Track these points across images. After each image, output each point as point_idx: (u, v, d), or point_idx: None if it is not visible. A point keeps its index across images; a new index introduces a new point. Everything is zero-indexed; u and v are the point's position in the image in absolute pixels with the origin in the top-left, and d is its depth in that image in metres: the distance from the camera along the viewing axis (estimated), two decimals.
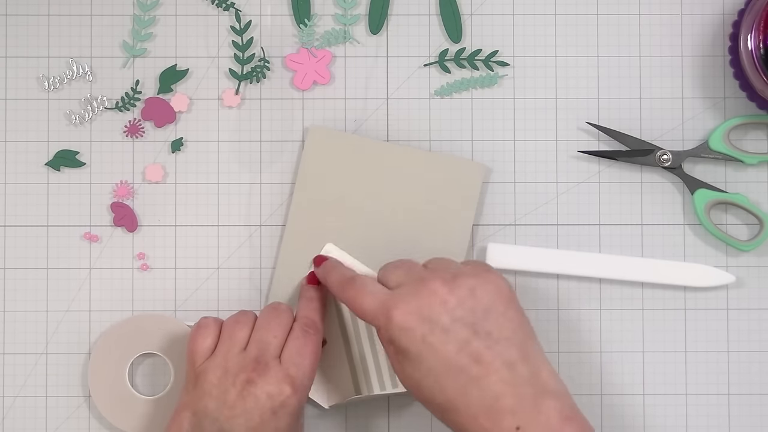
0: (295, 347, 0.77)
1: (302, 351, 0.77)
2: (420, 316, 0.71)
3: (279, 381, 0.75)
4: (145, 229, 0.87)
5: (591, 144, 0.87)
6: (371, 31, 0.88)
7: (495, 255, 0.85)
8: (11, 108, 0.87)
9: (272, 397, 0.75)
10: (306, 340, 0.78)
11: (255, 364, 0.76)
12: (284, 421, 0.75)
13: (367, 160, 0.86)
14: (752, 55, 0.82)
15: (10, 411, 0.86)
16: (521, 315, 0.73)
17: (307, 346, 0.78)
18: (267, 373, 0.75)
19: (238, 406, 0.75)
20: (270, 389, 0.75)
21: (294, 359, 0.77)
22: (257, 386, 0.75)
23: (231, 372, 0.76)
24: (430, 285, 0.72)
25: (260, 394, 0.75)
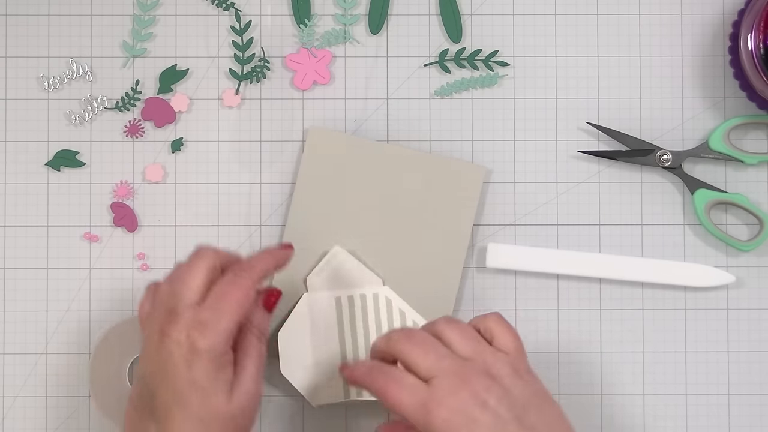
0: (217, 292, 0.72)
1: (223, 295, 0.72)
2: (464, 415, 0.68)
3: (188, 327, 0.70)
4: (145, 229, 0.87)
5: (591, 144, 0.87)
6: (371, 31, 0.88)
7: (495, 255, 0.85)
8: (11, 108, 0.87)
9: (180, 344, 0.70)
10: (231, 286, 0.72)
11: (167, 315, 0.71)
12: (200, 371, 0.70)
13: (367, 162, 0.86)
14: (752, 55, 0.82)
15: (10, 411, 0.86)
16: (554, 405, 0.72)
17: (230, 292, 0.72)
18: (177, 321, 0.71)
19: (155, 361, 0.71)
20: (178, 337, 0.70)
21: (211, 303, 0.71)
22: (168, 336, 0.71)
23: (146, 329, 0.73)
24: (469, 382, 0.70)
25: (170, 344, 0.70)
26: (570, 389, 0.86)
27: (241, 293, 0.72)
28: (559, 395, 0.86)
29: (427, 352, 0.71)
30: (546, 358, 0.86)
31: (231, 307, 0.72)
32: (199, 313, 0.71)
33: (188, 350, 0.70)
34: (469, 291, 0.86)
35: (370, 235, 0.85)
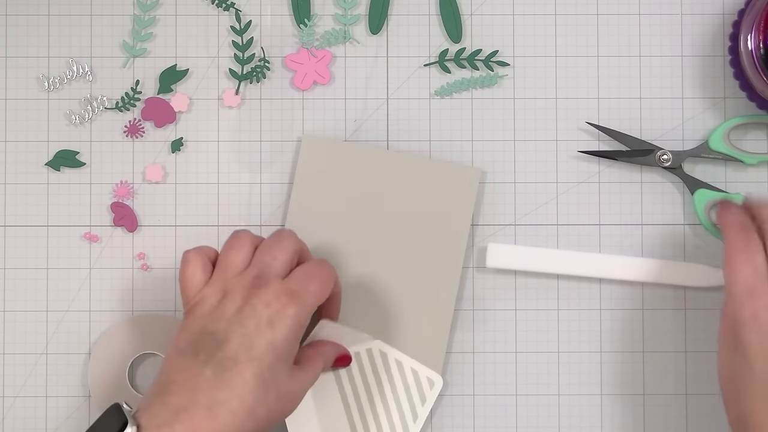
0: (304, 270, 0.75)
1: (310, 274, 0.75)
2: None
3: (278, 292, 0.73)
4: (145, 229, 0.87)
5: (591, 144, 0.87)
6: (371, 31, 0.88)
7: (495, 255, 0.85)
8: (11, 108, 0.87)
9: (269, 305, 0.72)
10: (318, 267, 0.76)
11: (255, 280, 0.74)
12: (280, 333, 0.72)
13: (362, 167, 0.86)
14: (752, 55, 0.82)
15: (10, 411, 0.86)
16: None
17: (317, 272, 0.76)
18: (267, 286, 0.73)
19: (234, 318, 0.72)
20: (268, 299, 0.73)
21: (299, 279, 0.74)
22: (256, 297, 0.73)
23: (230, 293, 0.74)
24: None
25: (257, 303, 0.72)
26: (570, 389, 0.86)
27: (327, 275, 0.76)
28: (559, 395, 0.86)
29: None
30: (546, 359, 0.86)
31: (317, 285, 0.75)
32: (288, 284, 0.74)
33: (276, 312, 0.72)
34: (469, 291, 0.86)
35: (367, 239, 0.85)
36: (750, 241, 0.73)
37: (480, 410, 0.86)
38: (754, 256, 0.73)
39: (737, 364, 0.72)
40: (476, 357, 0.86)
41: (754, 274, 0.72)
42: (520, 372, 0.86)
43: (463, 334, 0.86)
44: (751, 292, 0.72)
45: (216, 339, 0.72)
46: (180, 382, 0.71)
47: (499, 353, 0.86)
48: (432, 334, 0.85)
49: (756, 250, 0.73)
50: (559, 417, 0.86)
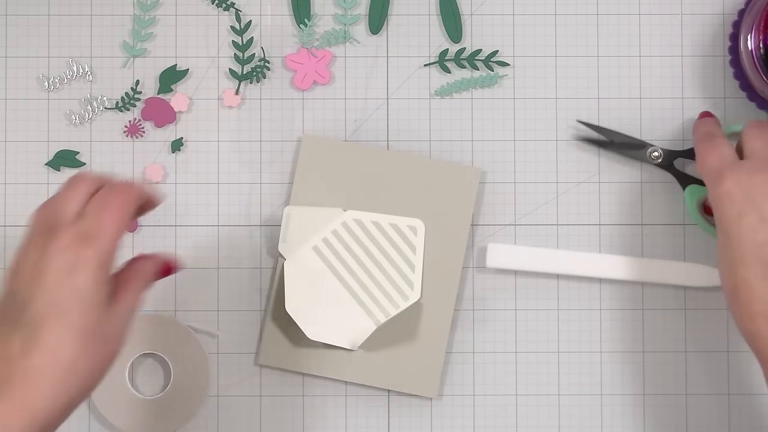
0: (95, 203, 0.69)
1: (102, 205, 0.69)
2: (747, 194, 0.75)
3: (70, 238, 0.67)
4: (145, 229, 0.87)
5: (591, 144, 0.87)
6: (371, 31, 0.88)
7: (495, 255, 0.85)
8: (11, 108, 0.87)
9: (63, 252, 0.67)
10: (109, 195, 0.69)
11: (46, 231, 0.69)
12: (83, 278, 0.67)
13: (362, 167, 0.86)
14: (752, 55, 0.82)
15: None
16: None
17: (109, 201, 0.69)
18: (58, 233, 0.68)
19: (33, 274, 0.68)
20: (61, 246, 0.67)
21: (91, 216, 0.69)
22: (49, 248, 0.68)
23: (24, 248, 0.70)
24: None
25: (52, 254, 0.67)
26: (570, 389, 0.86)
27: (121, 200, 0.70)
28: (559, 395, 0.86)
29: (762, 137, 0.79)
30: (546, 359, 0.86)
31: (112, 216, 0.69)
32: (80, 225, 0.68)
33: (72, 258, 0.67)
34: (469, 291, 0.86)
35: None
36: (715, 137, 0.80)
37: (480, 410, 0.86)
38: (719, 147, 0.78)
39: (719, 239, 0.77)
40: (476, 357, 0.86)
41: (720, 161, 0.77)
42: (520, 372, 0.86)
43: (463, 334, 0.86)
44: (720, 172, 0.76)
45: (18, 300, 0.68)
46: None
47: (499, 353, 0.86)
48: (432, 334, 0.85)
49: (721, 144, 0.79)
50: (559, 417, 0.86)
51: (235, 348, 0.86)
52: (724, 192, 0.76)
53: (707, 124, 0.83)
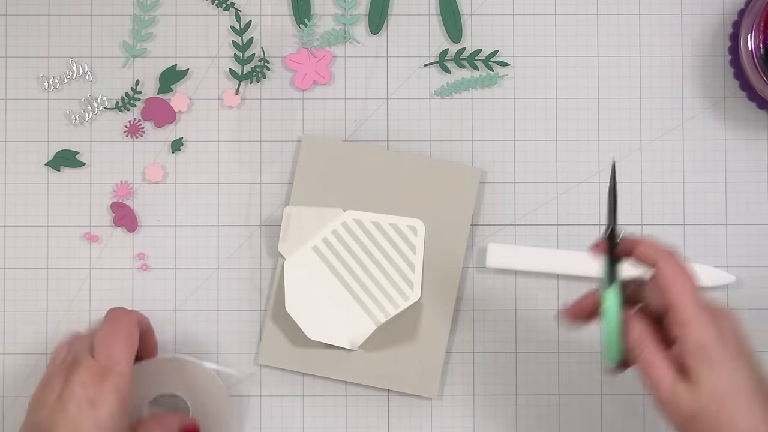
0: (102, 335, 0.76)
1: (110, 336, 0.76)
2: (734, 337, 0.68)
3: (91, 372, 0.74)
4: (145, 229, 0.87)
5: (591, 144, 0.87)
6: (371, 31, 0.88)
7: (495, 255, 0.85)
8: (11, 108, 0.87)
9: (85, 385, 0.74)
10: (113, 325, 0.77)
11: (68, 365, 0.76)
12: (104, 411, 0.73)
13: (362, 167, 0.86)
14: (752, 55, 0.82)
15: (10, 411, 0.86)
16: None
17: (114, 330, 0.76)
18: (78, 367, 0.75)
19: (56, 406, 0.74)
20: (83, 379, 0.74)
21: (103, 347, 0.76)
22: (72, 381, 0.74)
23: (49, 381, 0.76)
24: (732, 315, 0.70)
25: (74, 387, 0.74)
26: (571, 389, 0.86)
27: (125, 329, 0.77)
28: (559, 395, 0.86)
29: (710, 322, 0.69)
30: (546, 358, 0.86)
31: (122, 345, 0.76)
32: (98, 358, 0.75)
33: (94, 392, 0.74)
34: (469, 291, 0.86)
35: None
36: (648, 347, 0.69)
37: (480, 410, 0.86)
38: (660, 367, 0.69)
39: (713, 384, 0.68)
40: (476, 357, 0.86)
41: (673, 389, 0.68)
42: (520, 372, 0.86)
43: (463, 334, 0.86)
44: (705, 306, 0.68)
45: (41, 429, 0.73)
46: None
47: (499, 353, 0.86)
48: (432, 334, 0.85)
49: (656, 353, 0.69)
50: (559, 417, 0.86)
51: (235, 348, 0.86)
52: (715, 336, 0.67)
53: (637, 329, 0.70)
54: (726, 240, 0.86)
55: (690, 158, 0.87)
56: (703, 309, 0.68)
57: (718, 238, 0.86)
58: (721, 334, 0.68)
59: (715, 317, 0.68)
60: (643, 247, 0.71)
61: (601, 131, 0.87)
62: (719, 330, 0.68)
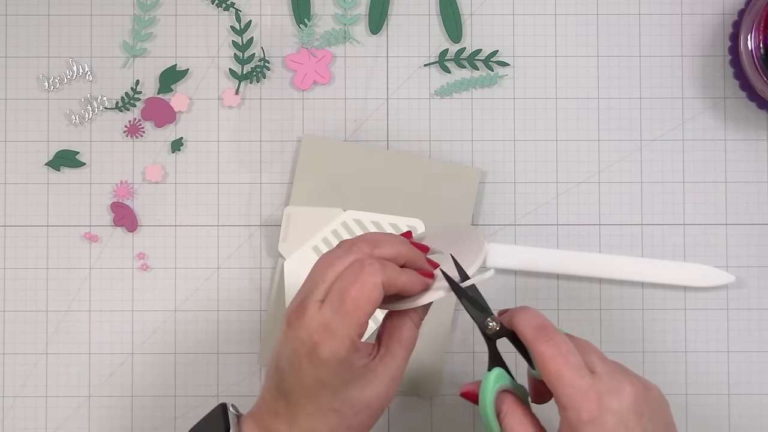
0: (339, 288, 0.67)
1: (345, 292, 0.67)
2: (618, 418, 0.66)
3: (311, 328, 0.67)
4: (145, 229, 0.87)
5: (591, 144, 0.87)
6: (371, 31, 0.88)
7: (495, 255, 0.85)
8: (11, 108, 0.87)
9: (304, 343, 0.67)
10: (355, 278, 0.67)
11: (297, 306, 0.68)
12: (326, 373, 0.67)
13: (362, 167, 0.86)
14: (752, 55, 0.82)
15: (10, 411, 0.86)
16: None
17: (353, 286, 0.67)
18: (302, 317, 0.67)
19: (282, 347, 0.69)
20: (301, 334, 0.67)
21: (334, 304, 0.67)
22: (292, 329, 0.68)
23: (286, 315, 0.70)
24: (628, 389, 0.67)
25: (294, 337, 0.67)
26: None
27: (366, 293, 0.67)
28: None
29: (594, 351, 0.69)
30: None
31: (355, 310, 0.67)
32: (322, 314, 0.67)
33: (312, 352, 0.67)
34: None
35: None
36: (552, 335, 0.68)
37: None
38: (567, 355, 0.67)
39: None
40: (476, 357, 0.86)
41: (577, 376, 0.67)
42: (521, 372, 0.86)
43: (463, 334, 0.86)
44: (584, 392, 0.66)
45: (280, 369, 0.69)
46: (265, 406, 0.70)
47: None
48: (432, 334, 0.85)
49: (562, 342, 0.68)
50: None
51: (235, 348, 0.87)
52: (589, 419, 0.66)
53: (532, 314, 0.70)
54: (726, 240, 0.86)
55: (690, 158, 0.87)
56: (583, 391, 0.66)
57: (718, 238, 0.86)
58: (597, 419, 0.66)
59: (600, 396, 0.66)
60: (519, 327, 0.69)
61: (601, 131, 0.87)
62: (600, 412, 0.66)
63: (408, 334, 0.70)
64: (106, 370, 0.86)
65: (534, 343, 0.68)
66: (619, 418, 0.66)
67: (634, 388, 0.67)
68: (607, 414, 0.66)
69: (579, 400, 0.66)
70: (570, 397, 0.66)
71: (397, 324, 0.70)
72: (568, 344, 0.68)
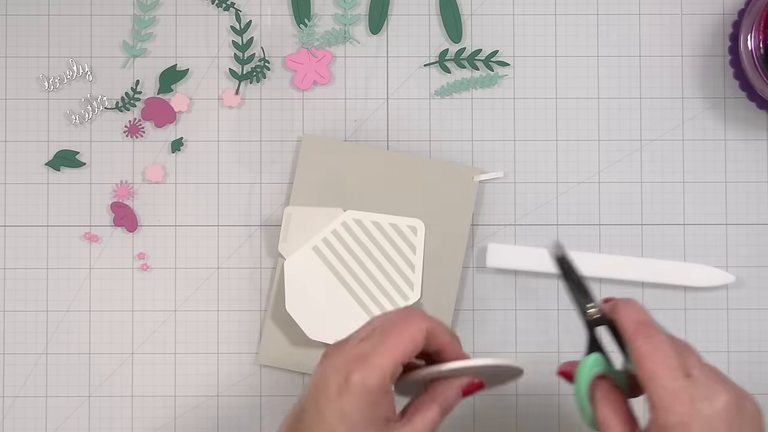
0: (384, 325, 0.69)
1: (389, 328, 0.68)
2: (707, 425, 0.64)
3: (348, 356, 0.67)
4: (145, 229, 0.87)
5: (591, 144, 0.87)
6: (371, 31, 0.88)
7: (495, 255, 0.85)
8: (11, 108, 0.87)
9: (338, 371, 0.67)
10: (401, 318, 0.69)
11: (338, 341, 0.70)
12: (349, 402, 0.66)
13: (362, 167, 0.86)
14: (752, 55, 0.82)
15: (10, 411, 0.86)
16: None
17: (397, 323, 0.68)
18: (341, 349, 0.68)
19: (312, 381, 0.69)
20: (336, 362, 0.68)
21: (375, 336, 0.68)
22: (329, 358, 0.68)
23: (324, 351, 0.71)
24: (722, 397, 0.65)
25: (328, 366, 0.68)
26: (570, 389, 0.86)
27: (408, 334, 0.69)
28: (559, 395, 0.86)
29: (692, 355, 0.68)
30: (546, 358, 0.86)
31: (396, 345, 0.68)
32: (360, 346, 0.68)
33: (343, 379, 0.67)
34: (469, 291, 0.86)
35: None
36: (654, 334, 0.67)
37: (480, 410, 0.86)
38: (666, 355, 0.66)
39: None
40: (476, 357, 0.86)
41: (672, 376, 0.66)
42: None
43: (463, 334, 0.86)
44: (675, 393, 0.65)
45: (301, 407, 0.69)
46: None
47: (499, 353, 0.86)
48: None
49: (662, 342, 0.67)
50: (559, 417, 0.86)
51: (235, 348, 0.87)
52: (677, 422, 0.65)
53: (636, 309, 0.69)
54: (726, 240, 0.86)
55: (690, 158, 0.87)
56: (675, 393, 0.65)
57: (718, 238, 0.86)
58: (685, 423, 0.65)
59: (693, 400, 0.65)
60: (620, 320, 0.69)
61: (601, 131, 0.87)
62: (689, 417, 0.65)
63: (431, 416, 0.70)
64: (106, 370, 0.87)
65: (633, 338, 0.67)
66: (709, 425, 0.64)
67: (729, 397, 0.65)
68: (697, 419, 0.64)
69: (670, 401, 0.65)
70: (661, 398, 0.65)
71: (426, 403, 0.71)
72: (667, 345, 0.66)
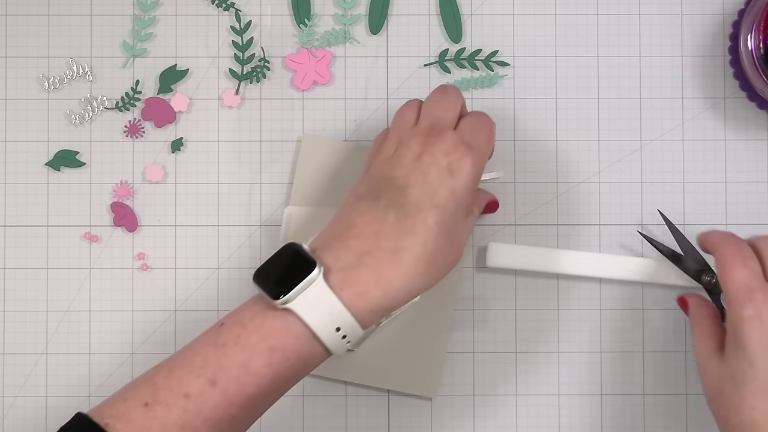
0: (470, 122, 0.75)
1: (478, 125, 0.75)
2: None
3: (455, 142, 0.73)
4: (145, 229, 0.87)
5: (591, 144, 0.87)
6: (371, 31, 0.88)
7: (495, 255, 0.85)
8: (11, 108, 0.87)
9: (449, 153, 0.72)
10: (483, 119, 0.76)
11: (429, 130, 0.74)
12: (461, 181, 0.72)
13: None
14: (752, 55, 0.82)
15: (10, 411, 0.86)
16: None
17: (483, 123, 0.75)
18: (442, 136, 0.73)
19: (414, 165, 0.73)
20: (447, 147, 0.72)
21: (469, 131, 0.74)
22: (433, 145, 0.73)
23: (405, 142, 0.74)
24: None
25: (437, 151, 0.72)
26: (570, 389, 0.86)
27: (491, 127, 0.76)
28: (559, 395, 0.86)
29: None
30: (546, 358, 0.86)
31: (485, 136, 0.75)
32: (463, 135, 0.74)
33: (455, 161, 0.72)
34: (469, 291, 0.86)
35: None
36: (743, 247, 0.73)
37: (480, 410, 0.86)
38: (748, 261, 0.72)
39: (734, 366, 0.71)
40: (476, 357, 0.86)
41: (751, 275, 0.71)
42: (520, 372, 0.86)
43: (463, 334, 0.86)
44: (751, 291, 0.70)
45: (397, 184, 0.72)
46: (361, 226, 0.71)
47: (499, 353, 0.86)
48: (432, 334, 0.85)
49: (749, 256, 0.72)
50: (559, 417, 0.86)
51: None
52: (755, 314, 0.69)
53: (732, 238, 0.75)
54: None
55: (690, 158, 0.87)
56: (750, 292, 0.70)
57: None
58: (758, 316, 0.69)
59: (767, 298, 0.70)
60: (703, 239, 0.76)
61: (601, 131, 0.87)
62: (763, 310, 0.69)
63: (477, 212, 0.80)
64: (106, 370, 0.86)
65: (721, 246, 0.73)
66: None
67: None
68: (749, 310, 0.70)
69: (744, 295, 0.70)
70: (737, 292, 0.71)
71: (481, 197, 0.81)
72: (751, 253, 0.72)
